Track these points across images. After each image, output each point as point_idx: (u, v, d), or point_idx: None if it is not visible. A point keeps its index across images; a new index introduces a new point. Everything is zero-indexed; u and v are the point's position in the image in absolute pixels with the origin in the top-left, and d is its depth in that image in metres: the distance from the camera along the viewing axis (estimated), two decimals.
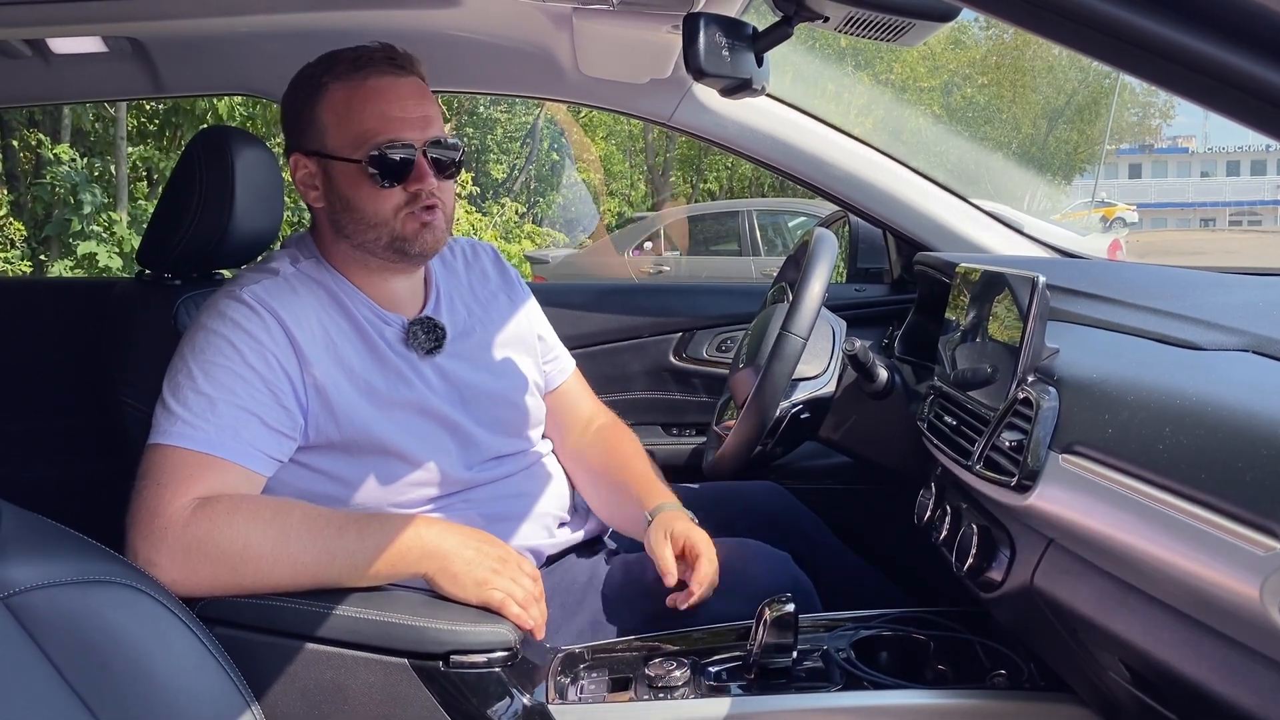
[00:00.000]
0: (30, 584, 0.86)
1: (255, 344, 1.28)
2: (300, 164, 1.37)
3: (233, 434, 1.24)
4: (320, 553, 1.20)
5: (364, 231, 1.36)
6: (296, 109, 1.37)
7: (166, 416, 1.24)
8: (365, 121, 1.32)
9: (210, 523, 1.18)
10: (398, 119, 1.33)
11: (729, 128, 2.07)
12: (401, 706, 1.18)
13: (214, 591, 1.18)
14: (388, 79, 1.34)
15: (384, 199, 1.34)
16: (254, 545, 1.18)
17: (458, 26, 1.99)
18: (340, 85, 1.33)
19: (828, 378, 1.65)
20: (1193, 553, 0.79)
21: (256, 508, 1.22)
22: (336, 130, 1.33)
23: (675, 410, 2.27)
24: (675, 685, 1.23)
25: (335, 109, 1.33)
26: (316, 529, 1.21)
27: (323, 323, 1.35)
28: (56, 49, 1.95)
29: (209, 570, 1.17)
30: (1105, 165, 27.94)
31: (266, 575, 1.19)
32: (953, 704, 1.22)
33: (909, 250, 2.09)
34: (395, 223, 1.35)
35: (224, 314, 1.29)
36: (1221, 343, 1.01)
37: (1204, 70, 0.58)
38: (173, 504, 1.19)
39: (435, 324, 1.43)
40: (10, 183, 9.28)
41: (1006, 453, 1.09)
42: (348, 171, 1.34)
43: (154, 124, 9.47)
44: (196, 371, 1.25)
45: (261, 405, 1.27)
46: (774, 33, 1.25)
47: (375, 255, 1.38)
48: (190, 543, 1.17)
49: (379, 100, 1.33)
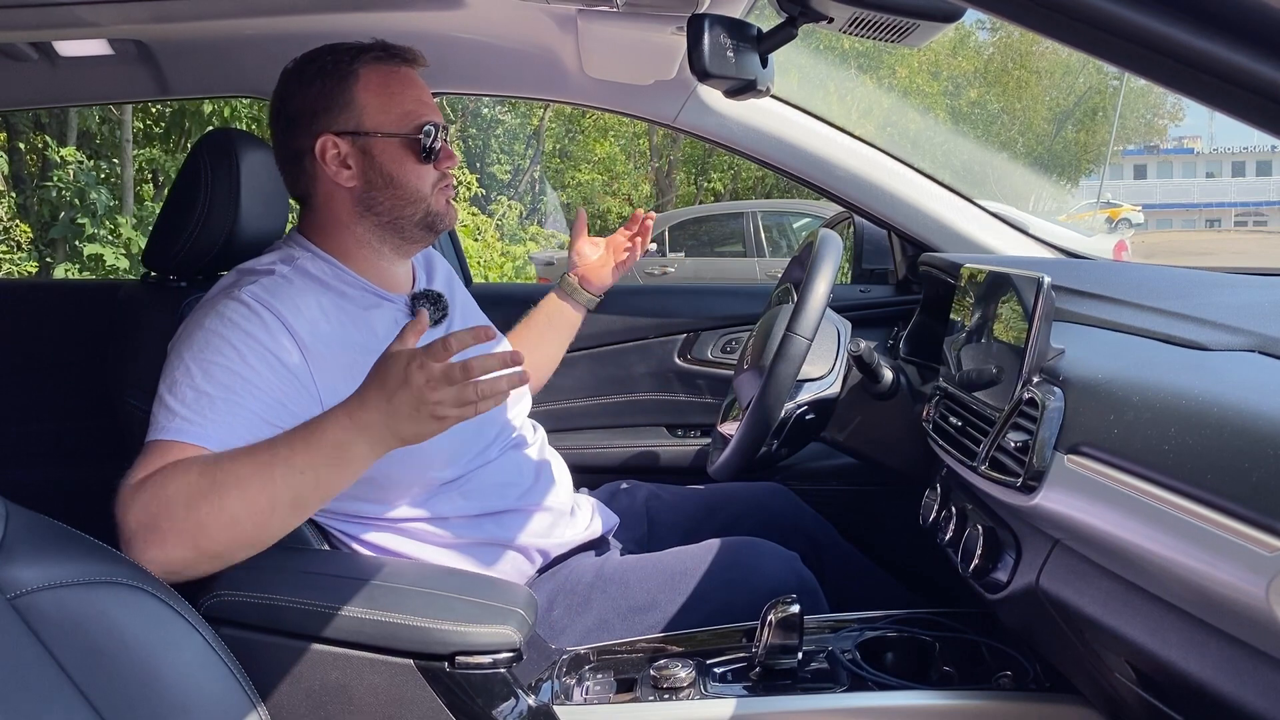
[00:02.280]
0: (36, 585, 0.86)
1: (255, 344, 1.28)
2: (330, 145, 1.38)
3: (228, 430, 1.22)
4: (264, 497, 1.14)
5: (401, 207, 1.41)
6: (326, 92, 1.38)
7: (165, 413, 1.23)
8: (406, 103, 1.40)
9: (156, 485, 1.14)
10: (428, 104, 1.42)
11: (733, 129, 2.07)
12: (406, 707, 1.18)
13: (195, 568, 1.14)
14: (412, 70, 1.43)
15: (424, 175, 1.41)
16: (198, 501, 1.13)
17: (462, 28, 1.99)
18: (374, 69, 1.39)
19: (833, 379, 1.65)
20: (1198, 553, 0.79)
21: (191, 463, 1.16)
22: (378, 109, 1.38)
23: (680, 411, 2.27)
24: (680, 686, 1.24)
25: (374, 90, 1.39)
26: (251, 472, 1.14)
27: (325, 312, 1.35)
28: (62, 52, 1.96)
29: (169, 534, 1.12)
30: (1110, 166, 27.88)
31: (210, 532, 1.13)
32: (958, 705, 1.22)
33: (914, 251, 2.09)
34: (432, 198, 1.42)
35: (222, 314, 1.29)
36: (1227, 343, 1.01)
37: (1209, 70, 0.58)
38: (133, 479, 1.16)
39: (437, 295, 1.50)
40: (17, 185, 9.30)
41: (1012, 453, 1.09)
42: (391, 147, 1.39)
43: (160, 126, 9.50)
44: (195, 370, 1.25)
45: (262, 403, 1.26)
46: (778, 34, 1.25)
47: (401, 232, 1.43)
48: (147, 509, 1.12)
49: (412, 86, 1.42)
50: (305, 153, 1.39)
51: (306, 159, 1.39)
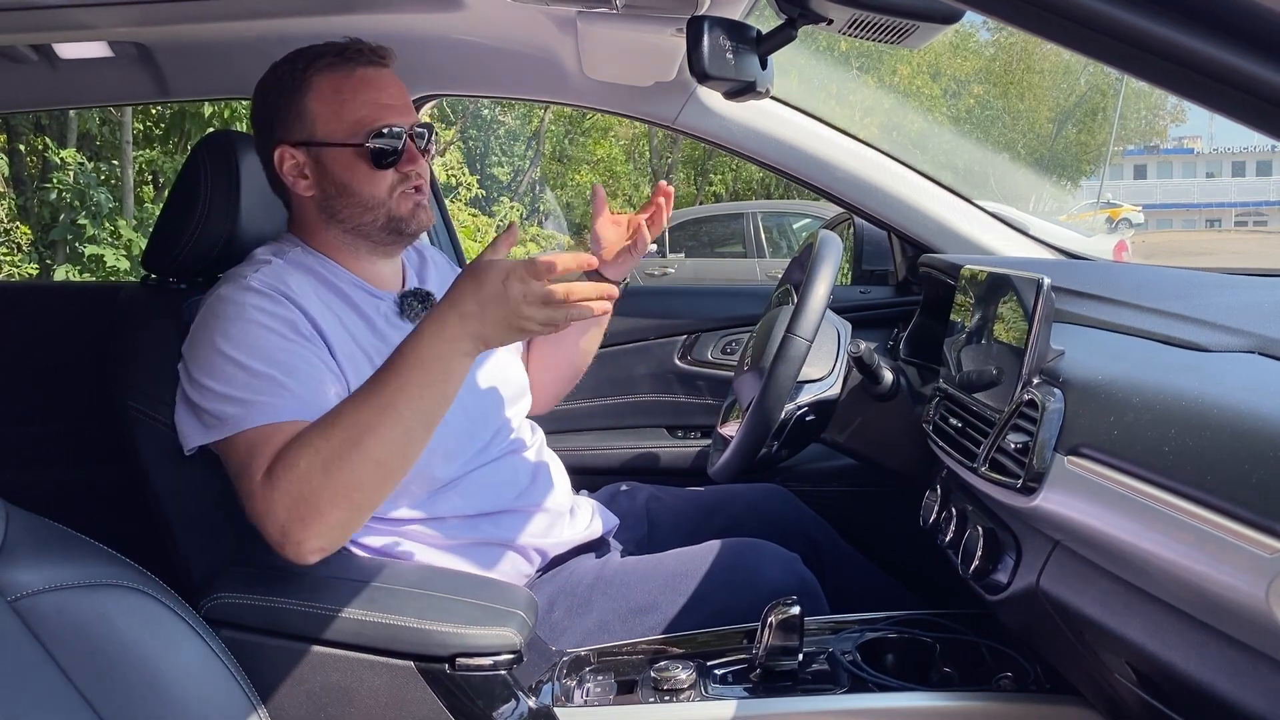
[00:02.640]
0: (37, 587, 0.86)
1: (280, 320, 1.30)
2: (287, 155, 1.39)
3: (312, 395, 1.26)
4: (398, 430, 1.17)
5: (360, 214, 1.40)
6: (278, 103, 1.39)
7: (233, 405, 1.23)
8: (359, 109, 1.37)
9: (286, 468, 1.17)
10: (387, 105, 1.38)
11: (733, 130, 2.07)
12: (407, 709, 1.18)
13: (350, 526, 1.20)
14: (373, 70, 1.39)
15: (379, 180, 1.39)
16: (337, 462, 1.16)
17: (462, 30, 1.99)
18: (326, 76, 1.37)
19: (833, 380, 1.65)
20: (1198, 555, 0.79)
21: (309, 436, 1.19)
22: (329, 118, 1.37)
23: (680, 413, 2.27)
24: (680, 688, 1.24)
25: (325, 98, 1.37)
26: (374, 416, 1.18)
27: (325, 302, 1.37)
28: (63, 54, 1.96)
29: (320, 511, 1.16)
30: (1111, 166, 27.87)
31: (362, 485, 1.17)
32: (958, 706, 1.22)
33: (914, 252, 2.09)
34: (391, 202, 1.40)
35: (240, 303, 1.30)
36: (1227, 344, 1.01)
37: (1206, 71, 0.58)
38: (258, 477, 1.19)
39: (426, 293, 1.49)
40: (17, 186, 9.30)
41: (1012, 455, 1.09)
42: (343, 157, 1.37)
43: (160, 128, 9.49)
44: (241, 357, 1.25)
45: (318, 366, 1.30)
46: (778, 35, 1.25)
47: (369, 237, 1.43)
48: (294, 498, 1.16)
49: (369, 89, 1.38)
50: (269, 162, 1.41)
51: (271, 168, 1.42)
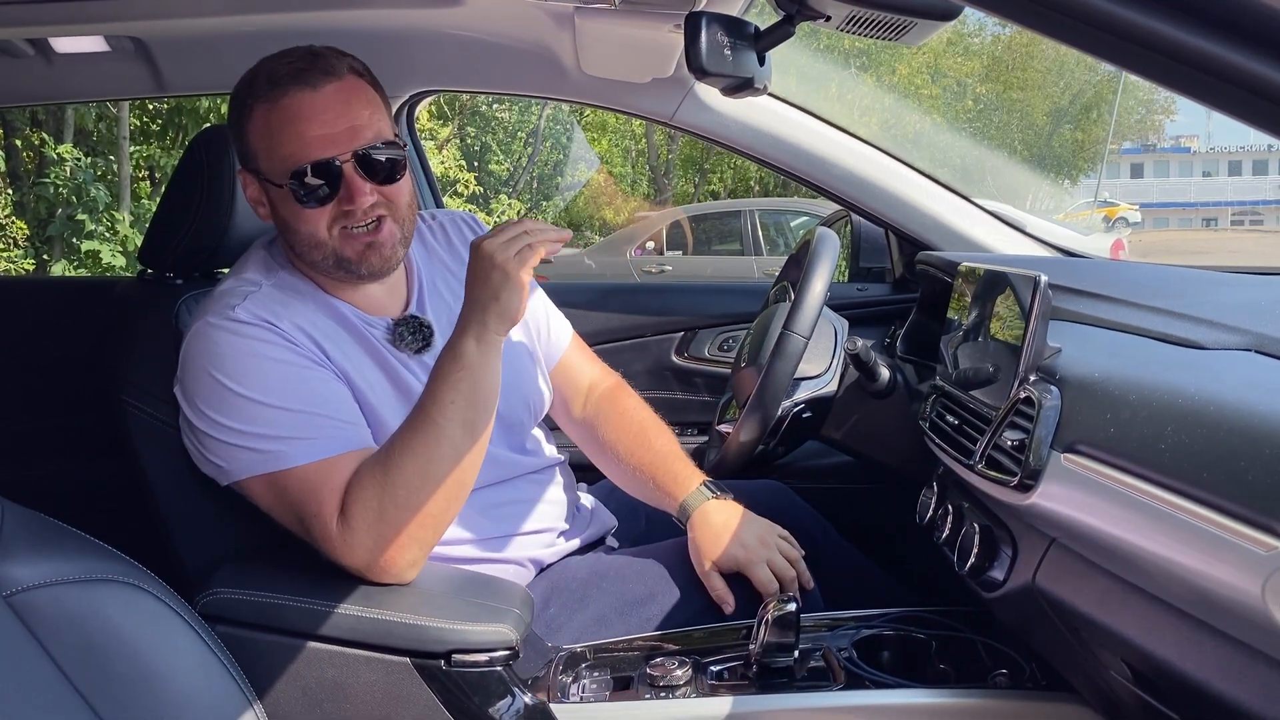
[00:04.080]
0: (32, 582, 0.86)
1: (287, 348, 1.28)
2: (247, 182, 1.34)
3: (344, 425, 1.27)
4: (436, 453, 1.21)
5: (309, 251, 1.32)
6: (233, 129, 1.33)
7: (280, 443, 1.23)
8: (284, 145, 1.26)
9: (360, 510, 1.20)
10: (316, 137, 1.25)
11: (731, 127, 2.07)
12: (403, 705, 1.18)
13: (436, 538, 1.25)
14: (305, 94, 1.25)
15: (315, 219, 1.29)
16: (402, 495, 1.20)
17: (460, 26, 1.99)
18: (261, 106, 1.27)
19: (830, 377, 1.65)
20: (1194, 552, 0.79)
21: (371, 471, 1.22)
22: (264, 154, 1.29)
23: (677, 409, 2.27)
24: (677, 684, 1.23)
25: (259, 132, 1.29)
26: (420, 437, 1.22)
27: (319, 327, 1.33)
28: (59, 48, 1.96)
29: (402, 539, 1.20)
30: (1108, 165, 27.88)
31: (434, 504, 1.21)
32: (955, 703, 1.22)
33: (911, 249, 2.09)
34: (333, 242, 1.30)
35: (239, 334, 1.26)
36: (1224, 342, 1.01)
37: (1205, 68, 0.58)
38: (334, 521, 1.21)
39: (421, 323, 1.41)
40: (14, 182, 9.29)
41: (1008, 452, 1.09)
42: (279, 195, 1.30)
43: (156, 123, 9.48)
44: (270, 398, 1.24)
45: (339, 388, 1.30)
46: (776, 32, 1.25)
47: (326, 274, 1.36)
48: (375, 536, 1.20)
49: (295, 121, 1.26)
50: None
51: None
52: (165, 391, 1.33)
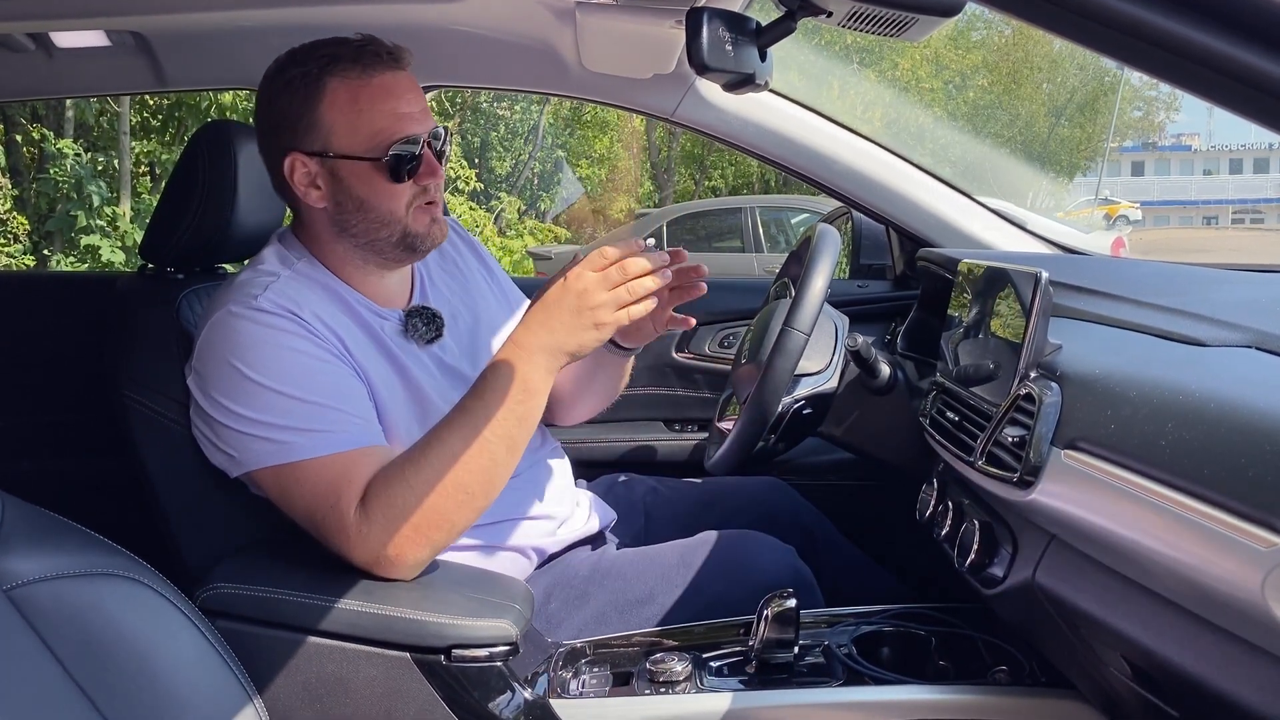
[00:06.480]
0: (33, 576, 0.86)
1: (309, 339, 1.28)
2: (299, 164, 1.33)
3: (359, 421, 1.27)
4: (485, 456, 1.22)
5: (375, 230, 1.34)
6: (293, 110, 1.32)
7: (298, 434, 1.23)
8: (377, 120, 1.29)
9: (383, 504, 1.21)
10: (406, 115, 1.31)
11: (732, 123, 2.07)
12: (403, 700, 1.18)
13: (447, 544, 1.25)
14: (390, 75, 1.31)
15: (397, 195, 1.32)
16: (422, 494, 1.21)
17: (460, 21, 1.98)
18: (343, 83, 1.29)
19: (830, 373, 1.65)
20: (1194, 548, 0.79)
21: (400, 468, 1.23)
22: (345, 129, 1.30)
23: (677, 406, 2.27)
24: (676, 680, 1.24)
25: (341, 108, 1.29)
26: (460, 443, 1.22)
27: (335, 319, 1.33)
28: (60, 43, 1.95)
29: (418, 538, 1.21)
30: (1109, 163, 27.87)
31: (458, 512, 1.22)
32: (954, 700, 1.22)
33: (911, 246, 2.09)
34: (408, 219, 1.34)
35: (262, 324, 1.26)
36: (1224, 339, 1.01)
37: (1207, 63, 0.58)
38: (351, 512, 1.22)
39: (432, 313, 1.44)
40: (14, 177, 9.28)
41: (1009, 448, 1.09)
42: (360, 170, 1.31)
43: (157, 118, 9.48)
44: (290, 389, 1.24)
45: (360, 385, 1.30)
46: (777, 27, 1.25)
47: (382, 253, 1.37)
48: (391, 532, 1.20)
49: (388, 98, 1.30)
50: (277, 168, 1.35)
51: (279, 174, 1.35)
52: (166, 386, 1.33)
